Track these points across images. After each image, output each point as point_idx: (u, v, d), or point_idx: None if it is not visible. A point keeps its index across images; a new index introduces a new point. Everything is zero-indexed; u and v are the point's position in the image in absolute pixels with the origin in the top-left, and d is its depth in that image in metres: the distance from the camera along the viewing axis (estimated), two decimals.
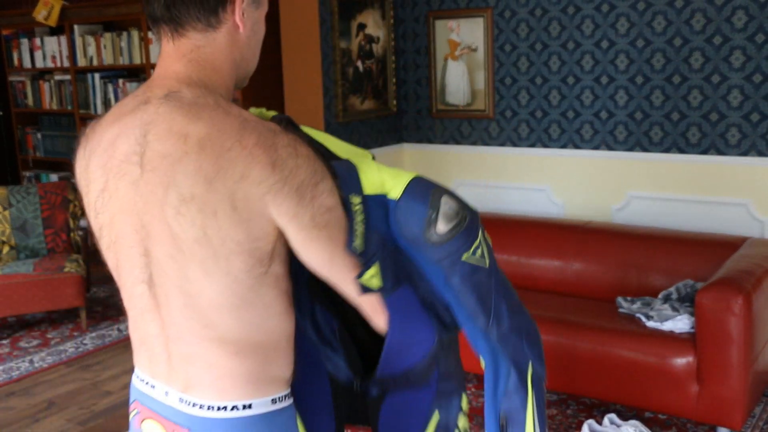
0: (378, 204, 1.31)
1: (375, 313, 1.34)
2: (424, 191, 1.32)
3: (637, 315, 3.39)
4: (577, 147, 4.20)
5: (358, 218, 1.28)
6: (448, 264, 1.32)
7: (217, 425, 1.27)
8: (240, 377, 1.27)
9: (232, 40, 1.32)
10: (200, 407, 1.28)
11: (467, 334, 1.41)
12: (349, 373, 1.46)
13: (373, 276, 1.30)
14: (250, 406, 1.28)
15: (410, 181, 1.32)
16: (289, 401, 1.35)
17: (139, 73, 5.87)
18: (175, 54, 1.31)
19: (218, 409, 1.27)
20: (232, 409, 1.27)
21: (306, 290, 1.43)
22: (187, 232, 1.22)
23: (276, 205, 1.21)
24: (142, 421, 1.38)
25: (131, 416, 1.43)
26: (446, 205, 1.31)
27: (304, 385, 1.44)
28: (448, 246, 1.32)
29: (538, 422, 1.43)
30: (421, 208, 1.31)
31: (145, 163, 1.25)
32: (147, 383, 1.36)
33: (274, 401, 1.31)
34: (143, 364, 1.37)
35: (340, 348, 1.46)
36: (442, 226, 1.32)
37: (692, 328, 3.19)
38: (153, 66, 5.47)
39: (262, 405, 1.29)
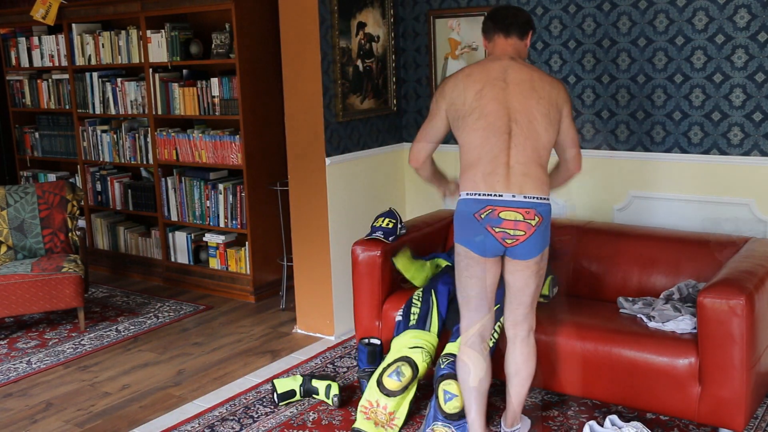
0: None
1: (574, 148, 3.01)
2: None
3: (639, 315, 3.38)
4: None
5: None
6: None
7: (544, 206, 2.82)
8: (546, 184, 2.85)
9: (524, 46, 3.02)
10: (536, 198, 2.80)
11: None
12: None
13: None
14: (548, 198, 2.86)
15: None
16: None
17: (138, 72, 5.84)
18: (506, 44, 2.97)
19: (543, 199, 2.82)
20: (547, 199, 2.84)
21: None
22: (540, 111, 2.84)
23: (561, 104, 2.92)
24: (499, 213, 2.78)
25: (485, 214, 2.79)
26: None
27: None
28: None
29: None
30: None
31: (508, 82, 2.85)
32: (493, 195, 2.78)
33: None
34: (488, 186, 2.80)
35: None
36: None
37: (694, 328, 3.17)
38: (152, 65, 5.44)
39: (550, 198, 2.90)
